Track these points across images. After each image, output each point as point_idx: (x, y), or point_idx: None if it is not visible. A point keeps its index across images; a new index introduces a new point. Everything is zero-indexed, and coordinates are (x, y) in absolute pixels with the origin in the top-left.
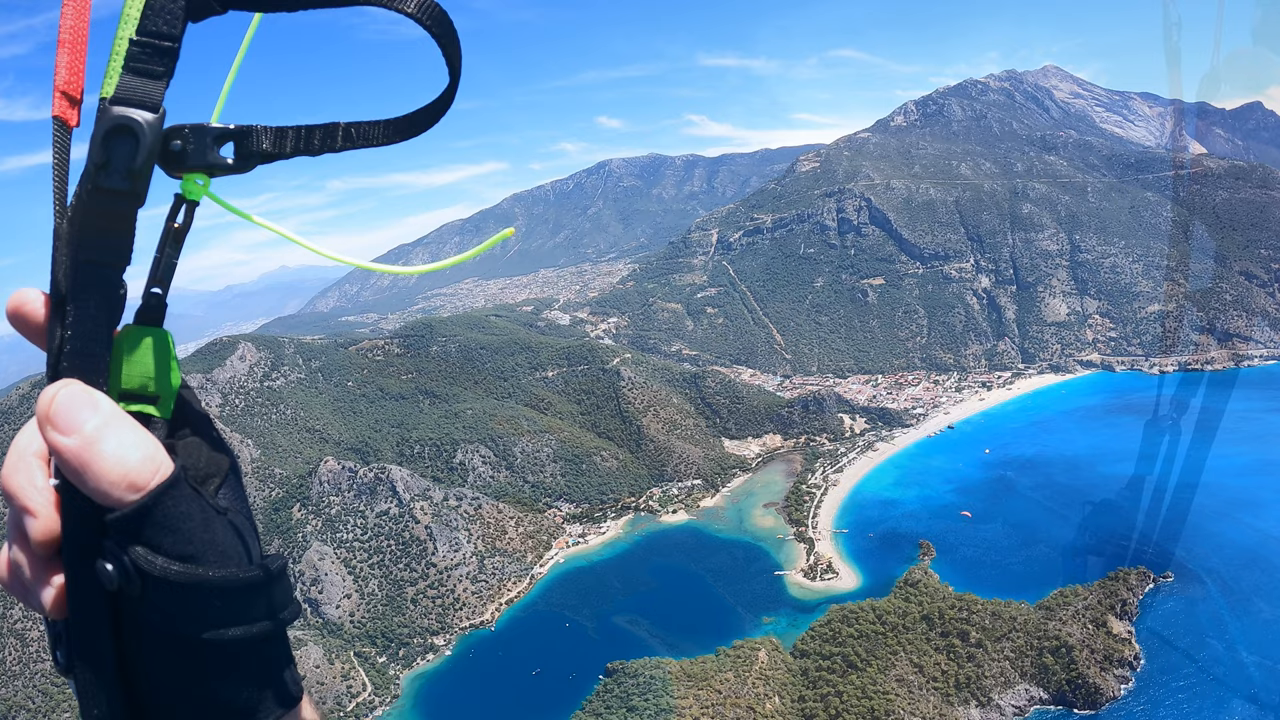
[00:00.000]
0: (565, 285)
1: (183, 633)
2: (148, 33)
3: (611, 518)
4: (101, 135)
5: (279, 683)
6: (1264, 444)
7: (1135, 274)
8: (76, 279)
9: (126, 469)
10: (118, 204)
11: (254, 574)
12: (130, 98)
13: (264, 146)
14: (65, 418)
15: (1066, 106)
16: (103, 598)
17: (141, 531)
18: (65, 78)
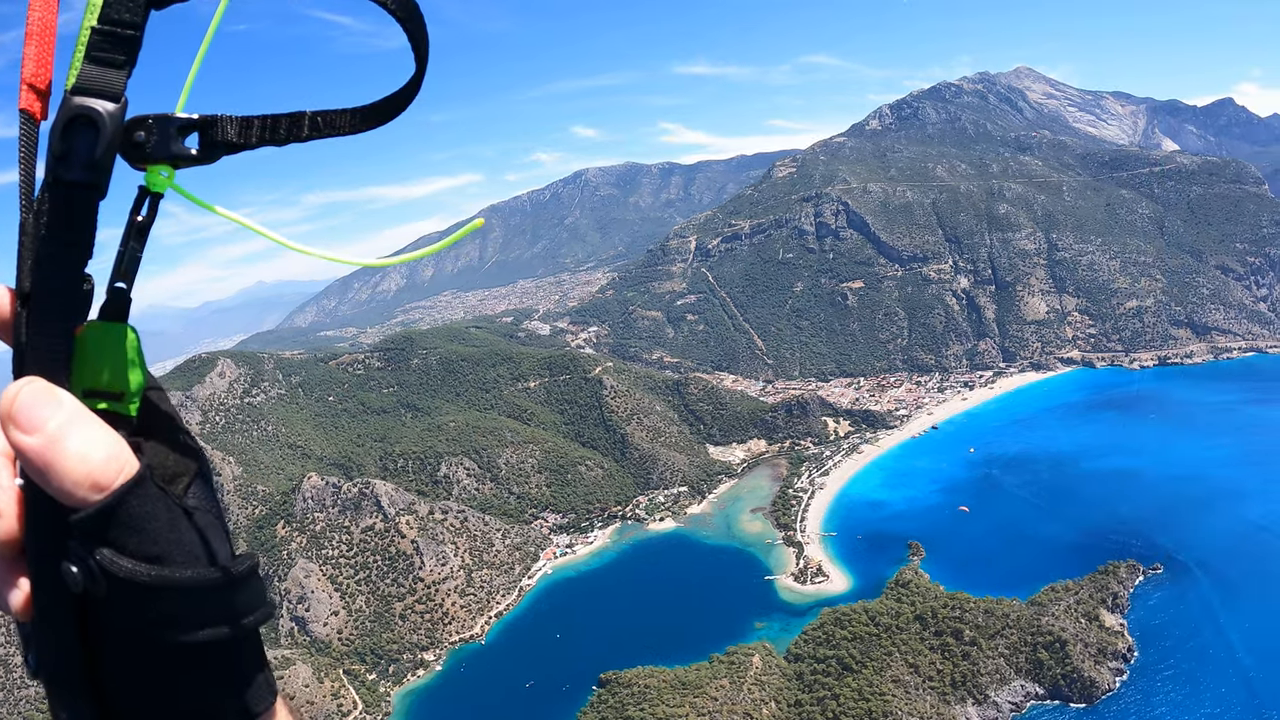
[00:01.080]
0: (544, 295)
1: (150, 635)
2: (109, 20)
3: (598, 527)
4: (61, 126)
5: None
6: (1245, 435)
7: (1113, 271)
8: (37, 273)
9: (90, 467)
10: (78, 196)
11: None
12: (91, 87)
13: (229, 136)
14: (27, 416)
15: (1040, 107)
16: (69, 600)
17: (106, 532)
18: (33, 70)
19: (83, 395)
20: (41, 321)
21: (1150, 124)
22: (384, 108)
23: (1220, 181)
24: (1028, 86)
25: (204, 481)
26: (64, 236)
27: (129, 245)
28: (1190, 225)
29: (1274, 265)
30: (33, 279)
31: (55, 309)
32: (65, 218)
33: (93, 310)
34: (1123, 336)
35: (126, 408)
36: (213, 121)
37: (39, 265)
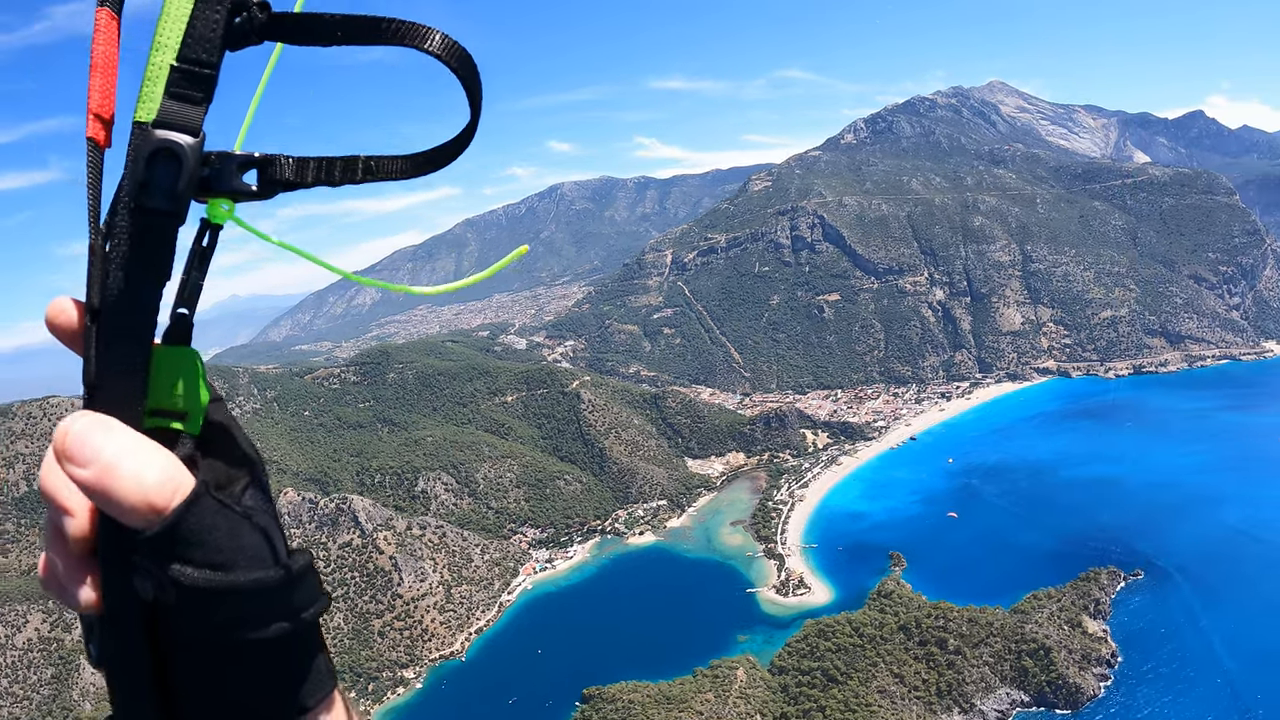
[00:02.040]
0: (520, 309)
1: (219, 636)
2: (188, 60)
3: (578, 542)
4: (146, 157)
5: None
6: (1220, 441)
7: (1087, 281)
8: (117, 296)
9: (145, 492)
10: (160, 223)
11: (280, 574)
12: (172, 122)
13: (286, 175)
14: (79, 450)
15: (1013, 121)
16: (138, 606)
17: (171, 548)
18: (98, 100)
19: (149, 414)
20: (119, 341)
21: (1122, 136)
22: (436, 155)
23: (1192, 192)
24: (1001, 100)
25: (260, 484)
26: (146, 260)
27: (191, 273)
28: (1163, 236)
29: (1246, 274)
30: (112, 302)
31: (135, 329)
32: (147, 243)
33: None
34: (1098, 346)
35: (191, 426)
36: (271, 160)
37: (119, 289)
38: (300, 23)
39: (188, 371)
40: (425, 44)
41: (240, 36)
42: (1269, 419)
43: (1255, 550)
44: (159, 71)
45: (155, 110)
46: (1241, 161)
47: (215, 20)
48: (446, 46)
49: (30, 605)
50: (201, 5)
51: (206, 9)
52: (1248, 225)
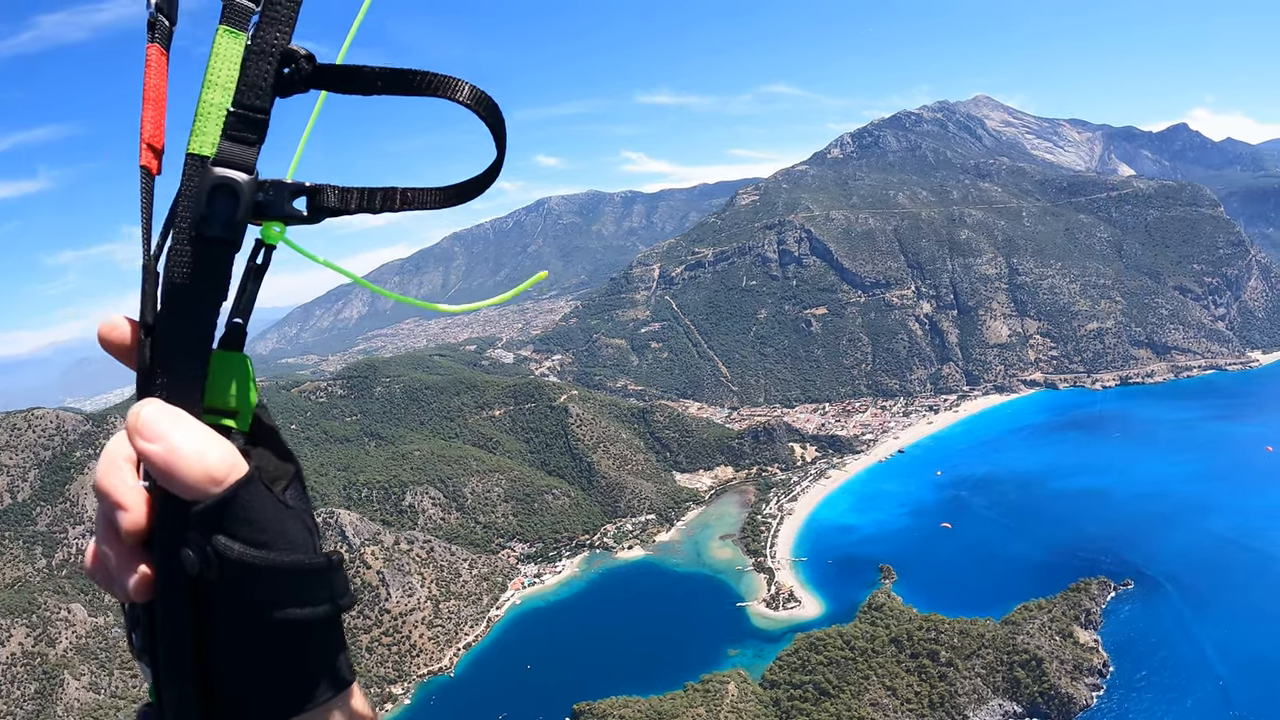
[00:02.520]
0: (507, 323)
1: (253, 612)
2: (242, 105)
3: (566, 556)
4: (207, 191)
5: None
6: (1208, 451)
7: (1073, 294)
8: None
9: (207, 466)
10: (218, 250)
11: (319, 561)
12: (230, 161)
13: (331, 203)
14: (151, 429)
15: (998, 135)
16: (184, 582)
17: (221, 521)
18: (150, 131)
19: (205, 413)
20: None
21: (1106, 150)
22: (465, 189)
23: (1177, 205)
24: (986, 114)
25: (299, 485)
26: (205, 282)
27: (247, 287)
28: (1148, 248)
29: (1231, 285)
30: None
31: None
32: (207, 268)
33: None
34: (1084, 358)
35: (241, 424)
36: (319, 189)
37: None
38: (343, 74)
39: (240, 374)
40: (456, 95)
41: (289, 85)
42: (1255, 429)
43: (1244, 558)
44: (210, 109)
45: (214, 148)
46: (1225, 174)
47: (267, 70)
48: (475, 96)
49: (14, 619)
50: (254, 56)
51: (259, 60)
52: (1232, 236)
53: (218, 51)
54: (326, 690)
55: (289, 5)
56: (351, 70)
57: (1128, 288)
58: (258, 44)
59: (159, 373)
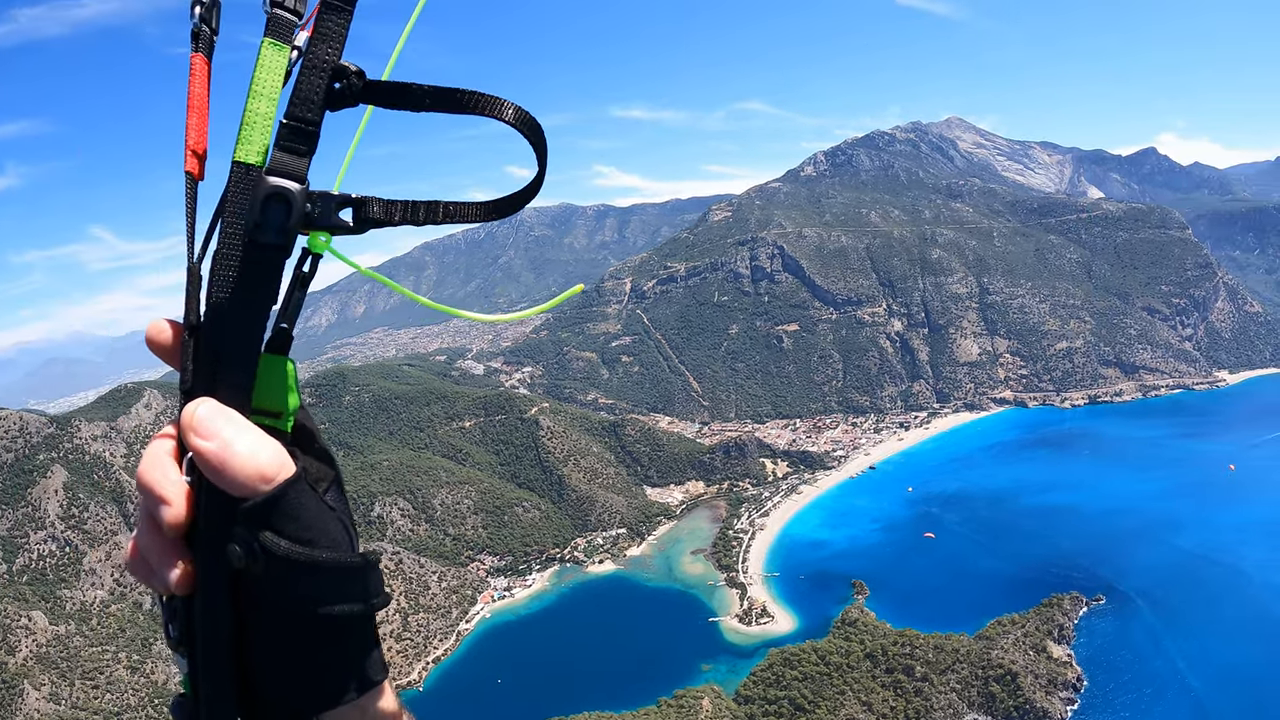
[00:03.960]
0: (478, 334)
1: (296, 607)
2: (294, 117)
3: (537, 570)
4: (261, 200)
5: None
6: (1177, 468)
7: (1043, 313)
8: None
9: (259, 464)
10: (270, 256)
11: (359, 559)
12: (282, 170)
13: (375, 214)
14: (205, 426)
15: (970, 156)
16: (227, 575)
17: (270, 518)
18: (195, 138)
19: (251, 413)
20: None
21: (1076, 172)
22: (505, 204)
23: (1145, 227)
24: (958, 136)
25: (339, 487)
26: (257, 285)
27: (293, 293)
28: (1117, 269)
29: (1198, 306)
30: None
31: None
32: (259, 273)
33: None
34: (1054, 376)
35: (284, 425)
36: (364, 201)
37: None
38: (393, 90)
39: (285, 378)
40: (502, 114)
41: (340, 99)
42: (1222, 446)
43: (1213, 573)
44: (256, 118)
45: (260, 156)
46: (1193, 197)
47: (318, 85)
48: (519, 116)
49: None
50: (307, 71)
51: (311, 75)
52: (1199, 259)
53: (263, 63)
54: (360, 686)
55: (339, 23)
56: (401, 87)
57: (1097, 308)
58: (310, 59)
59: (209, 373)
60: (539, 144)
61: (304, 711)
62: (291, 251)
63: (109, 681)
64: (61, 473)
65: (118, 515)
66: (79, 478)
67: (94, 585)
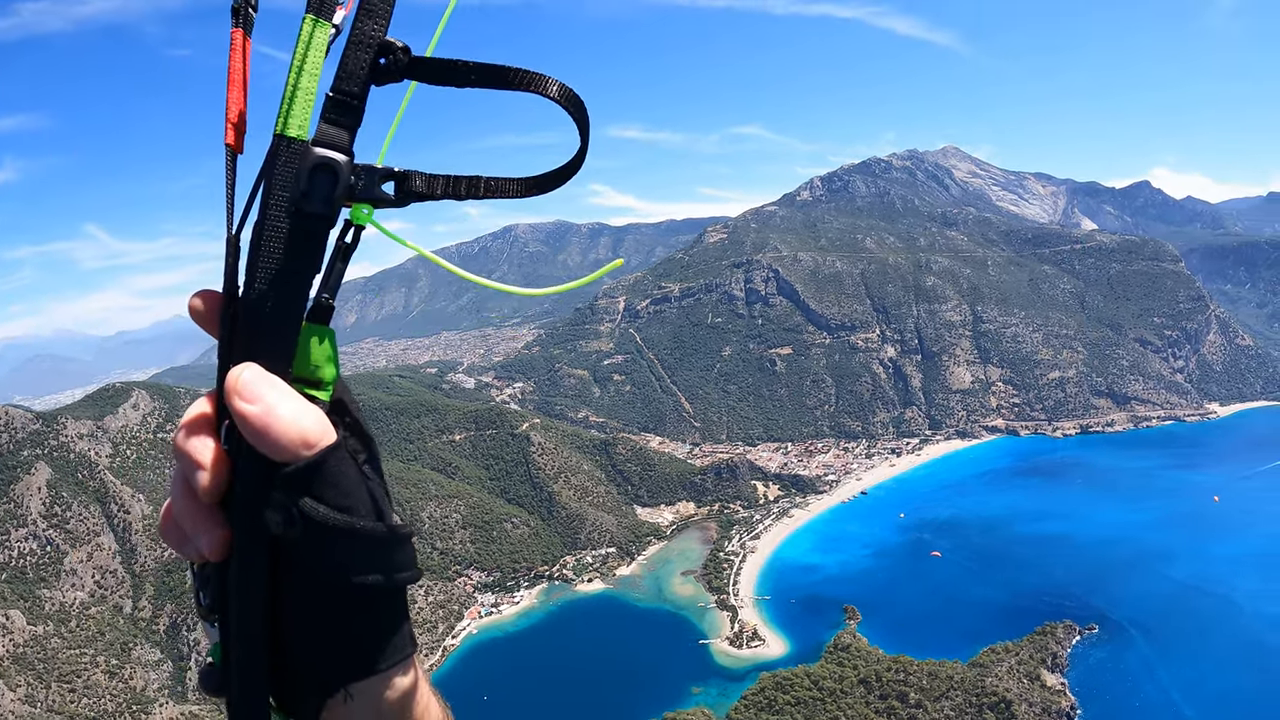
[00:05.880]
0: (469, 348)
1: (332, 575)
2: (340, 91)
3: (525, 587)
4: (309, 170)
5: (401, 632)
6: (1168, 499)
7: (1036, 343)
8: (278, 285)
9: (302, 429)
10: (316, 226)
11: (396, 530)
12: (328, 142)
13: (418, 188)
14: (250, 390)
15: (965, 185)
16: (265, 542)
17: (310, 484)
18: (235, 111)
19: (292, 382)
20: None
21: (1070, 204)
22: (546, 179)
23: (1139, 259)
24: (954, 165)
25: (374, 461)
26: (302, 255)
27: (335, 264)
28: (1110, 300)
29: (1190, 338)
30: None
31: (290, 310)
32: (305, 242)
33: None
34: (1046, 406)
35: (324, 395)
36: (407, 175)
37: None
38: (439, 67)
39: (326, 348)
40: (547, 91)
41: (385, 74)
42: (1213, 478)
43: (1205, 604)
44: (299, 93)
45: (301, 129)
46: (1186, 230)
47: (364, 60)
48: (564, 93)
49: None
50: (353, 47)
51: (357, 50)
52: (1192, 292)
53: (304, 38)
54: (390, 658)
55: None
56: (447, 63)
57: (1089, 338)
58: (356, 35)
59: (251, 341)
60: (582, 121)
61: (332, 682)
62: (336, 222)
63: (86, 685)
64: (45, 470)
65: (101, 516)
66: (63, 476)
67: (74, 586)
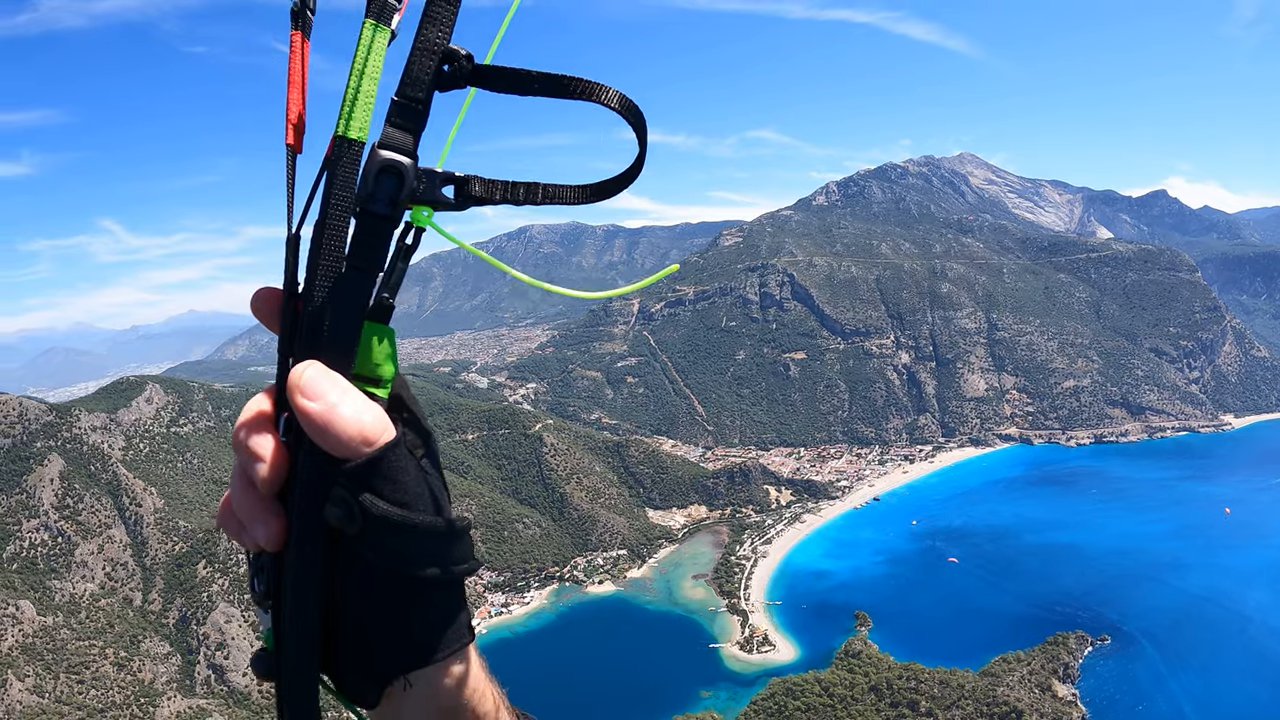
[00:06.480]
0: (482, 348)
1: (388, 568)
2: (404, 96)
3: (535, 587)
4: (374, 172)
5: (457, 624)
6: (1182, 510)
7: (1051, 351)
8: (342, 284)
9: (362, 427)
10: (381, 226)
11: (454, 525)
12: (393, 145)
13: (477, 192)
14: (312, 388)
15: (981, 192)
16: (323, 535)
17: (370, 480)
18: (296, 112)
19: (352, 379)
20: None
21: (1086, 212)
22: (604, 187)
23: (1155, 268)
24: (970, 171)
25: (433, 455)
26: (366, 253)
27: (396, 265)
28: (1125, 309)
29: (1205, 349)
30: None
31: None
32: (369, 242)
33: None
34: (1060, 415)
35: (383, 392)
36: (467, 179)
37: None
38: (502, 75)
39: (386, 346)
40: (607, 100)
41: (449, 81)
42: (1226, 490)
43: (1218, 617)
44: (360, 96)
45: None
46: (1202, 241)
47: (428, 67)
48: (623, 102)
49: None
50: (418, 53)
51: (422, 57)
52: (1208, 302)
53: (364, 43)
54: (448, 647)
55: (448, 9)
56: (510, 71)
57: (1104, 348)
58: (421, 42)
59: (313, 338)
60: (640, 129)
61: (389, 671)
62: (399, 223)
63: (95, 677)
64: (59, 462)
65: (113, 508)
66: (76, 468)
67: (84, 578)
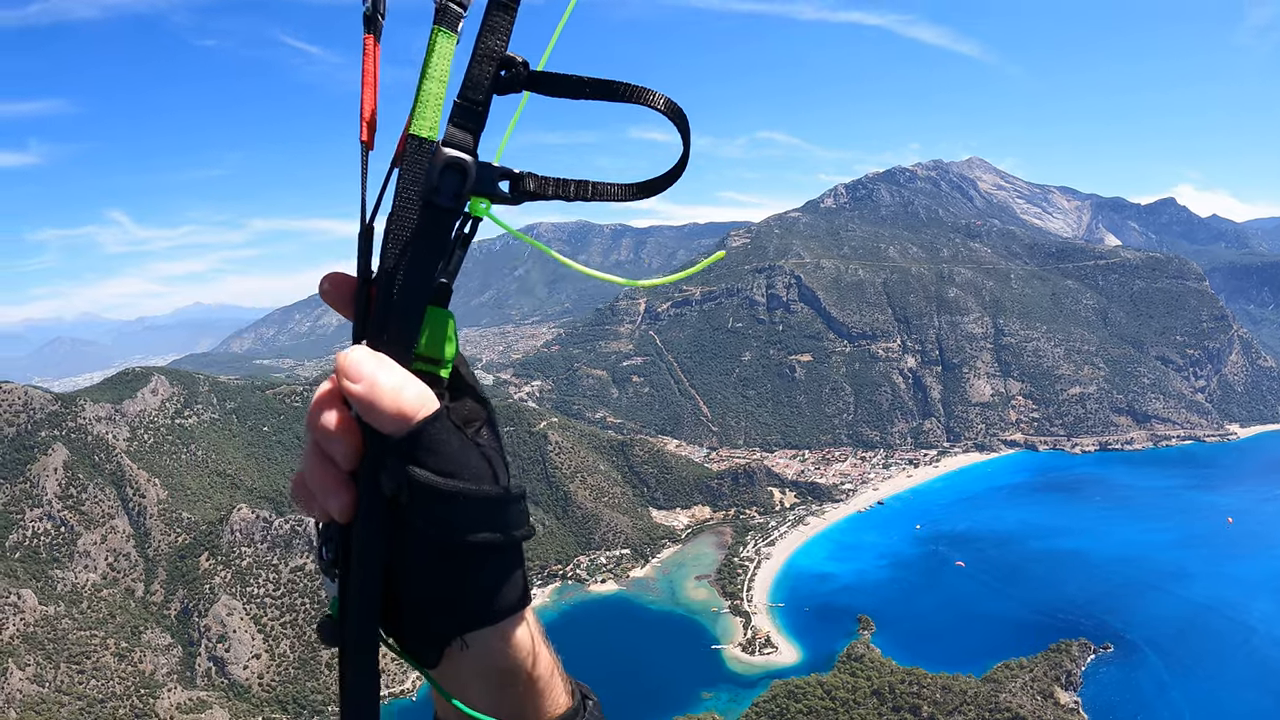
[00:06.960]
0: (488, 345)
1: (440, 534)
2: (466, 98)
3: (538, 585)
4: (440, 168)
5: (511, 586)
6: (1186, 518)
7: (1057, 357)
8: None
9: (399, 403)
10: (445, 218)
11: (498, 490)
12: (455, 144)
13: (530, 187)
14: (355, 369)
15: (989, 197)
16: (383, 505)
17: (414, 451)
18: (369, 110)
19: (414, 360)
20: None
21: (1094, 219)
22: (650, 185)
23: (1163, 276)
24: (979, 176)
25: (491, 427)
26: (431, 243)
27: (454, 252)
28: (1132, 317)
29: (1212, 358)
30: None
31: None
32: (434, 232)
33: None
34: (1065, 421)
35: (443, 371)
36: (521, 175)
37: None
38: (556, 80)
39: (446, 329)
40: (654, 103)
41: (506, 85)
42: (1231, 499)
43: (1222, 627)
44: (429, 97)
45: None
46: (1210, 249)
47: (488, 72)
48: (669, 106)
49: None
50: (478, 59)
51: (482, 63)
52: (1215, 311)
53: (434, 49)
54: (500, 611)
55: (506, 19)
56: (563, 77)
57: (1111, 355)
58: (481, 50)
59: (383, 321)
60: (685, 132)
61: (446, 633)
62: (462, 214)
63: (95, 667)
64: (63, 451)
65: (116, 499)
66: (80, 458)
67: (87, 568)
